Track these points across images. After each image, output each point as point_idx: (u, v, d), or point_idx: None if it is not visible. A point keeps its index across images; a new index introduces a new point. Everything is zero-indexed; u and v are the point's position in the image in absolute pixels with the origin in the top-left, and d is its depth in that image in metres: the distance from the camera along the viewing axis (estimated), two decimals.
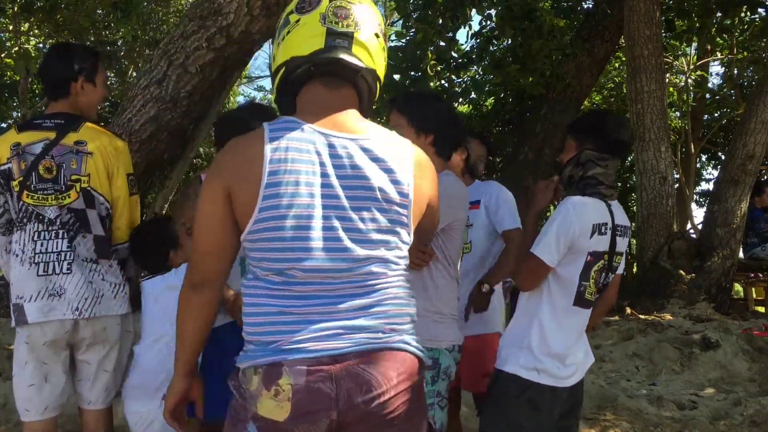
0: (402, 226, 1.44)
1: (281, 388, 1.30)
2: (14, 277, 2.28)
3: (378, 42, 1.49)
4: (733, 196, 6.67)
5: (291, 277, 1.36)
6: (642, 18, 6.64)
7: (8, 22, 8.50)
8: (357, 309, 1.38)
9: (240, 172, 1.37)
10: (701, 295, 6.31)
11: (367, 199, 1.40)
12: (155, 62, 3.72)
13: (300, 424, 1.30)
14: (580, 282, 2.09)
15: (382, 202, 1.41)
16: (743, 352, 4.96)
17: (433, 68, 6.92)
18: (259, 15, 3.41)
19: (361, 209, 1.39)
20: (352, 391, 1.32)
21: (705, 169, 15.36)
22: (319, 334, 1.33)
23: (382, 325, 1.39)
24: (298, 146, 1.39)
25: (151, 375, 2.30)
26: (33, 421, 2.29)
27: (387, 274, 1.43)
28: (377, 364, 1.35)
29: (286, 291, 1.36)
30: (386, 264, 1.42)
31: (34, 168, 2.27)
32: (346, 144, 1.41)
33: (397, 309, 1.43)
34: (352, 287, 1.39)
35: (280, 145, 1.38)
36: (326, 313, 1.36)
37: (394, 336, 1.40)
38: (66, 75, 2.39)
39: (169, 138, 3.83)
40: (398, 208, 1.43)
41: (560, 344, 2.10)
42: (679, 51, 11.64)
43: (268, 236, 1.36)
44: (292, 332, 1.33)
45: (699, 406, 4.08)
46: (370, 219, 1.40)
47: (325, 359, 1.32)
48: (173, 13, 10.20)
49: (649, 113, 6.68)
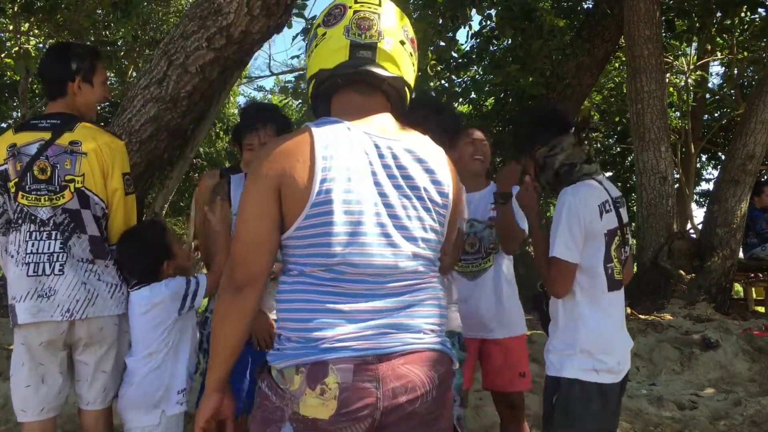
0: (442, 227, 1.49)
1: (327, 387, 1.31)
2: (9, 279, 2.28)
3: (403, 49, 1.52)
4: (733, 196, 6.66)
5: (340, 273, 1.37)
6: (642, 18, 6.64)
7: (8, 22, 8.50)
8: (402, 308, 1.40)
9: (290, 169, 1.37)
10: (701, 295, 6.31)
11: (414, 198, 1.43)
12: (155, 62, 3.72)
13: (344, 422, 1.31)
14: (605, 266, 2.08)
15: (427, 202, 1.45)
16: (743, 352, 4.96)
17: (433, 68, 6.92)
18: (259, 15, 3.40)
19: (408, 208, 1.42)
20: (397, 391, 1.34)
21: (705, 169, 15.38)
22: (365, 333, 1.35)
23: (424, 325, 1.42)
24: (347, 144, 1.41)
25: (148, 391, 2.28)
26: (31, 422, 2.29)
27: (429, 274, 1.46)
28: (420, 365, 1.38)
29: (335, 287, 1.37)
30: (429, 264, 1.47)
31: (29, 169, 2.27)
32: (390, 144, 1.45)
33: (436, 310, 1.46)
34: (399, 286, 1.41)
35: (329, 142, 1.39)
36: (372, 311, 1.37)
37: (434, 337, 1.43)
38: (63, 75, 2.39)
39: (169, 138, 3.83)
40: (440, 209, 1.47)
41: (609, 335, 2.08)
42: (679, 51, 11.64)
43: (320, 231, 1.37)
44: (338, 329, 1.34)
45: (699, 406, 4.07)
46: (416, 218, 1.43)
47: (371, 358, 1.33)
48: (173, 13, 10.19)
49: (649, 113, 6.68)
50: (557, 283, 2.07)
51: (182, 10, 9.60)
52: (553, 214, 2.13)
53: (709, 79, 12.99)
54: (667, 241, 6.61)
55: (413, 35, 1.58)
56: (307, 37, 1.59)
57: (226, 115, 12.84)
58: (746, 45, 10.56)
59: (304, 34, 6.92)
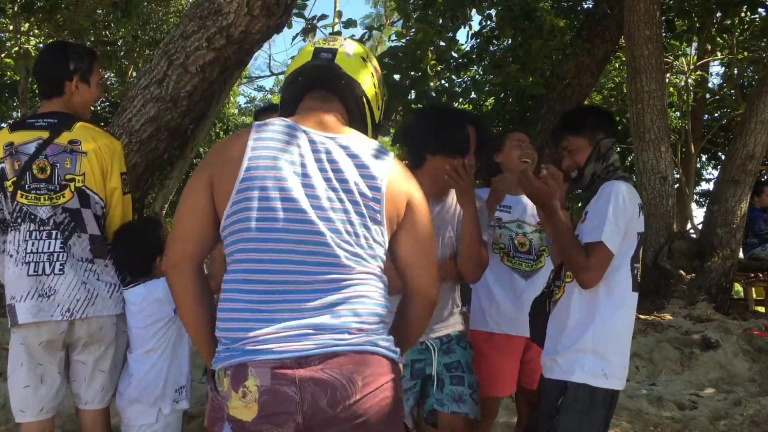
0: (375, 223, 1.44)
1: (248, 389, 1.30)
2: (8, 278, 2.27)
3: (365, 64, 1.61)
4: (733, 196, 6.66)
5: (260, 267, 1.36)
6: (642, 18, 6.63)
7: (8, 22, 8.50)
8: (324, 307, 1.36)
9: (223, 164, 1.43)
10: (701, 295, 6.31)
11: (341, 191, 1.43)
12: (155, 62, 3.72)
13: (266, 425, 1.30)
14: (632, 265, 2.05)
15: (356, 195, 1.43)
16: (743, 352, 4.96)
17: (433, 68, 6.91)
18: (259, 15, 3.41)
19: (333, 200, 1.41)
20: (316, 395, 1.30)
21: (705, 169, 15.37)
22: (284, 334, 1.32)
23: (352, 324, 1.37)
24: (282, 139, 1.44)
25: (148, 388, 2.28)
26: (30, 422, 2.28)
27: (357, 270, 1.41)
28: (342, 368, 1.33)
29: (254, 285, 1.36)
30: (358, 260, 1.41)
31: (27, 168, 2.26)
32: (325, 141, 1.47)
33: (365, 308, 1.40)
34: (322, 283, 1.37)
35: (264, 139, 1.43)
36: (293, 310, 1.34)
37: (361, 337, 1.37)
38: (61, 74, 2.38)
39: (169, 138, 3.83)
40: (371, 203, 1.44)
41: (625, 337, 2.05)
42: (679, 51, 11.63)
43: (239, 227, 1.38)
44: (258, 330, 1.32)
45: (699, 406, 4.08)
46: (341, 210, 1.41)
47: (289, 362, 1.30)
48: (173, 13, 10.19)
49: (649, 113, 6.67)
50: (594, 269, 1.97)
51: (182, 10, 9.60)
52: (587, 207, 2.10)
53: (709, 79, 13.01)
54: (667, 241, 6.60)
55: (378, 68, 1.67)
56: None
57: (226, 115, 12.84)
58: (746, 45, 10.55)
59: (304, 34, 6.91)
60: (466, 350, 2.42)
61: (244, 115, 15.16)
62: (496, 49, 9.26)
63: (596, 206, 2.03)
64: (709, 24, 8.14)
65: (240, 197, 1.38)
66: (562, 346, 2.05)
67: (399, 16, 9.61)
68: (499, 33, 7.78)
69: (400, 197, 1.49)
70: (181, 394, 2.34)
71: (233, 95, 14.18)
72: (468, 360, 2.40)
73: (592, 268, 1.97)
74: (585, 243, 2.01)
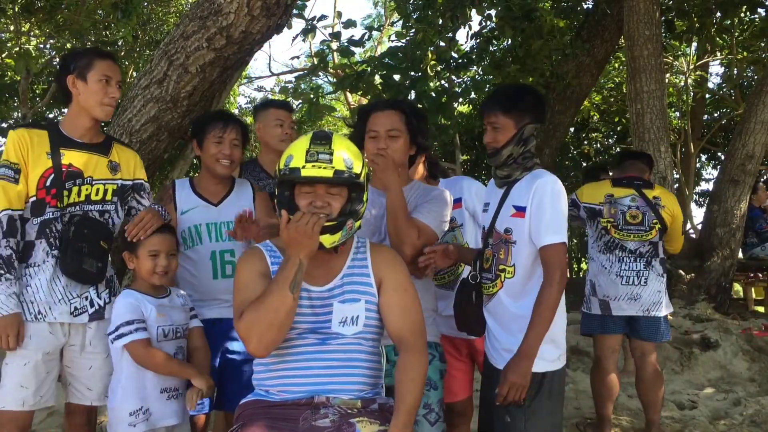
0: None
1: None
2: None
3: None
4: (732, 196, 6.67)
5: None
6: (642, 18, 6.63)
7: (9, 22, 8.49)
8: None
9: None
10: (701, 295, 6.32)
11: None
12: (155, 62, 3.72)
13: None
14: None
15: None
16: (743, 352, 4.97)
17: (433, 68, 6.92)
18: (259, 15, 3.40)
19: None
20: None
21: (705, 169, 15.38)
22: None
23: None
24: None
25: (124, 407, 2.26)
26: (10, 410, 2.23)
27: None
28: None
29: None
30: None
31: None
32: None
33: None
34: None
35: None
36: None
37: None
38: (60, 74, 2.40)
39: (169, 138, 3.84)
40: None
41: (563, 318, 2.18)
42: (679, 51, 11.64)
43: None
44: None
45: (699, 406, 4.08)
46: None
47: None
48: (173, 13, 10.19)
49: (649, 113, 6.67)
50: (560, 268, 2.07)
51: (182, 10, 9.61)
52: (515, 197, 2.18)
53: (709, 79, 13.01)
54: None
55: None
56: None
57: None
58: (746, 45, 10.55)
59: (304, 35, 6.91)
60: (432, 363, 2.24)
61: (245, 115, 15.15)
62: (495, 49, 9.26)
63: (541, 204, 2.09)
64: (709, 24, 8.14)
65: None
66: (518, 340, 2.08)
67: (399, 16, 9.61)
68: (498, 33, 7.77)
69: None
70: (137, 417, 2.22)
71: (233, 95, 14.18)
72: (431, 376, 2.21)
73: (561, 266, 2.07)
74: (547, 245, 2.07)
